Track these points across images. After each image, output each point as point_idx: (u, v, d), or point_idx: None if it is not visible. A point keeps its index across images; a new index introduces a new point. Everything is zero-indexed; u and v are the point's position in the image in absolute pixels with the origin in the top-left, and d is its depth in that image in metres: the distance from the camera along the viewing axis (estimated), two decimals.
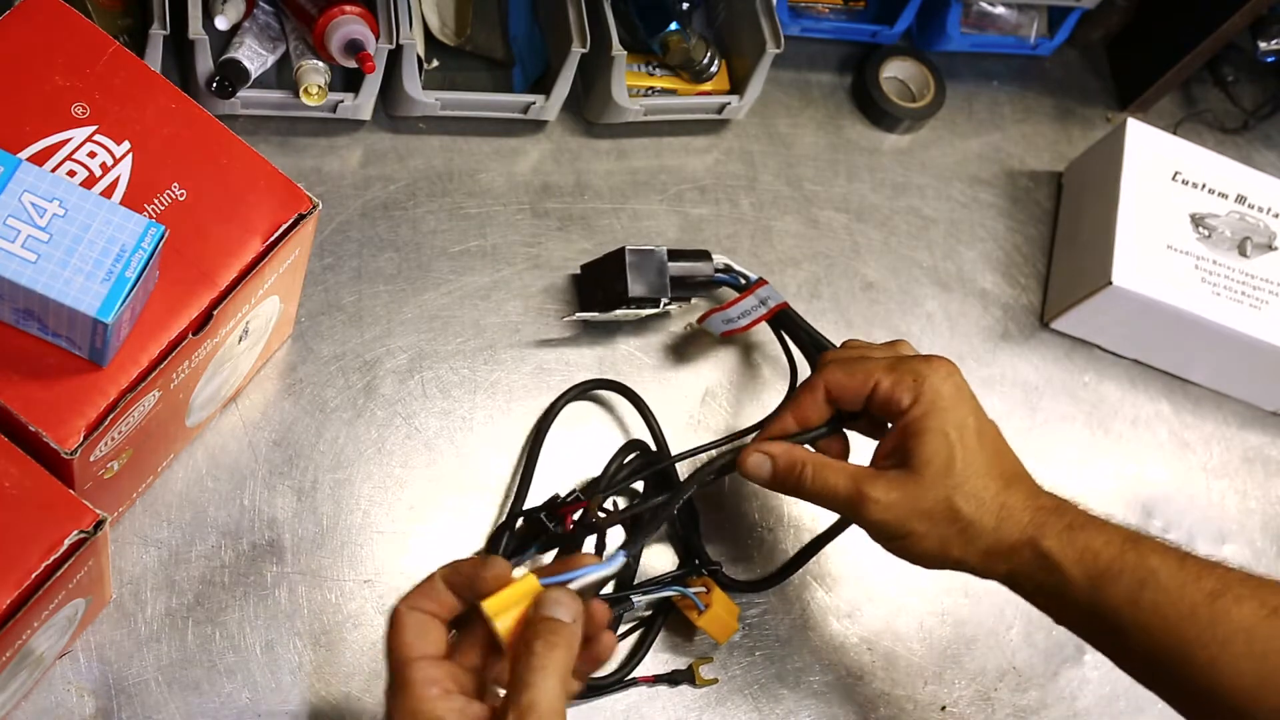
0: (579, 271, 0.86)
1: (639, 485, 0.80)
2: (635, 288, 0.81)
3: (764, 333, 0.85)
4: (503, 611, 0.57)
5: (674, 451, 0.80)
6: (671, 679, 0.77)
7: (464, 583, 0.59)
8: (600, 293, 0.84)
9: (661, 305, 0.82)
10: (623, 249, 0.82)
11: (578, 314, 0.84)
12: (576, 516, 0.76)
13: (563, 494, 0.77)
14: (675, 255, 0.83)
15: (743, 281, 0.84)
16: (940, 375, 0.69)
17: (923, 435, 0.68)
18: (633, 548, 0.64)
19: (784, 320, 0.83)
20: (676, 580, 0.77)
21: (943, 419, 0.68)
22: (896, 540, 0.69)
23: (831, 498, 0.69)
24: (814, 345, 0.81)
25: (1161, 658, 0.65)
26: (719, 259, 0.84)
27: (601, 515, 0.75)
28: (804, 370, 0.82)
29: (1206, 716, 0.65)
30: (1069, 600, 0.67)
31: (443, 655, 0.58)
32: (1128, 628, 0.65)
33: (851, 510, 0.69)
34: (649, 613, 0.78)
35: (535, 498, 0.78)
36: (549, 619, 0.56)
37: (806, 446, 0.72)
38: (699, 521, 0.80)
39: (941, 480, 0.67)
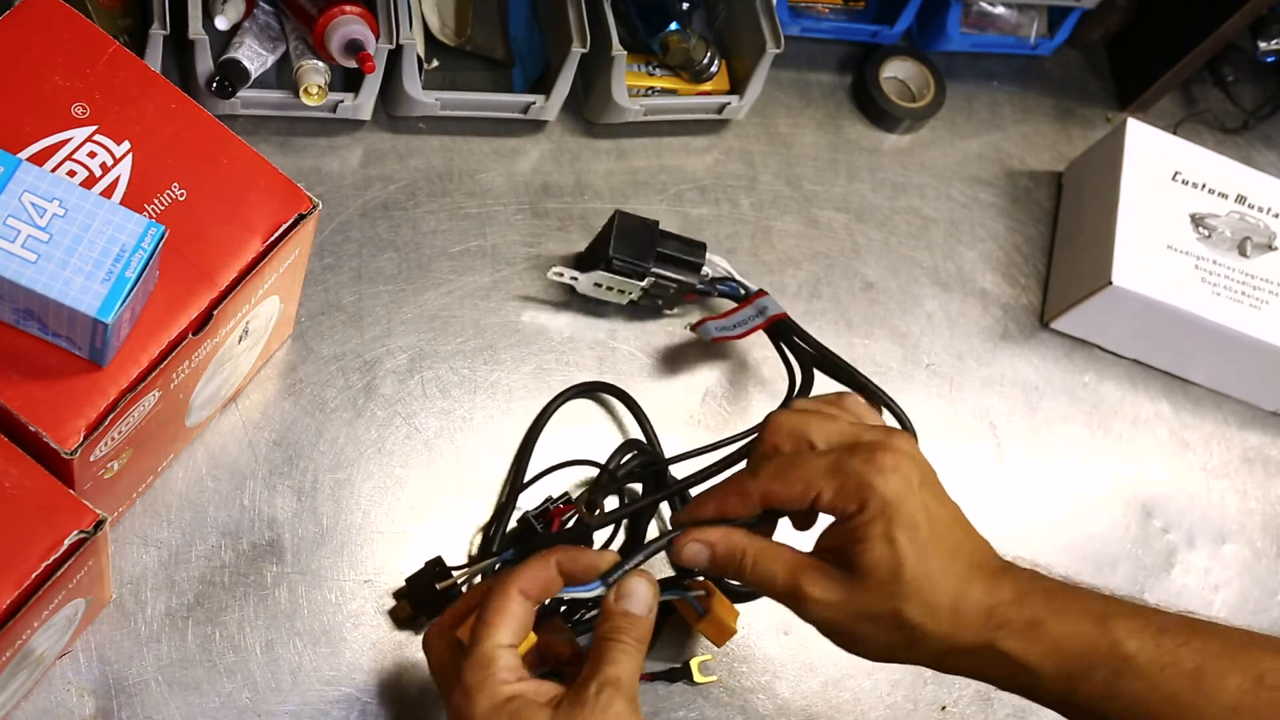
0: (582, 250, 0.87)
1: (639, 486, 0.80)
2: (618, 246, 0.81)
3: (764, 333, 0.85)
4: None
5: (671, 450, 0.80)
6: (669, 676, 0.77)
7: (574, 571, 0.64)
8: (589, 255, 0.85)
9: (644, 281, 0.82)
10: (617, 210, 0.82)
11: (559, 268, 0.83)
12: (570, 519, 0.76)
13: (554, 496, 0.77)
14: (669, 235, 0.83)
15: (742, 292, 0.83)
16: (887, 472, 0.62)
17: (866, 542, 0.62)
18: (609, 577, 0.65)
19: (783, 331, 0.82)
20: (675, 583, 0.77)
21: (889, 523, 0.61)
22: (839, 637, 0.64)
23: (770, 589, 0.64)
24: (813, 359, 0.80)
25: None
26: (721, 265, 0.84)
27: (589, 512, 0.75)
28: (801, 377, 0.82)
29: None
30: (1043, 694, 0.63)
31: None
32: (1108, 718, 0.62)
33: (790, 605, 0.64)
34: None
35: (533, 497, 0.78)
36: (628, 612, 0.62)
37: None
38: None
39: (886, 589, 0.61)
